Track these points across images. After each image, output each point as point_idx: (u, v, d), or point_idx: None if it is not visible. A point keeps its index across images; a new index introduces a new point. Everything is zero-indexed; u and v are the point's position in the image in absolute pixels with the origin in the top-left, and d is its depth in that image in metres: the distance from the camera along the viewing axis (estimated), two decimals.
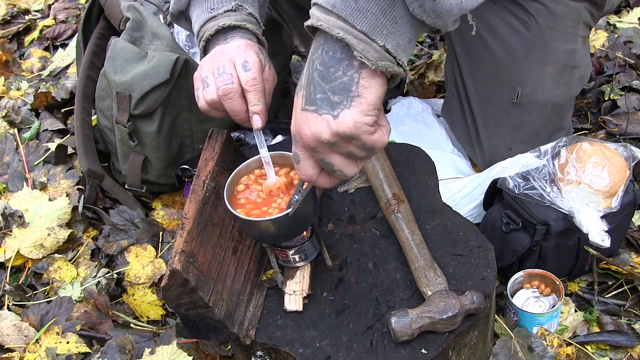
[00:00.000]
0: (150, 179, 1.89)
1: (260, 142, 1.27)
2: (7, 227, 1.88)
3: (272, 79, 1.29)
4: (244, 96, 1.23)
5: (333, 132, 0.93)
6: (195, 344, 1.57)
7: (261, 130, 1.27)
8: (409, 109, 1.98)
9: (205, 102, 1.24)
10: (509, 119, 1.68)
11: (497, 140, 1.70)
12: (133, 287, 1.73)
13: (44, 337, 1.62)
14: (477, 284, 1.26)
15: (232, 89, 1.21)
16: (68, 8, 2.92)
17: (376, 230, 1.39)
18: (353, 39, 0.89)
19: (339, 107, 0.93)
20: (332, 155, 0.98)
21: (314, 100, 0.94)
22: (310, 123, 0.95)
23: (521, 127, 1.68)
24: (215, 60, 1.24)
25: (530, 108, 1.65)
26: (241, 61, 1.23)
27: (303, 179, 1.05)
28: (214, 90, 1.23)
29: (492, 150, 1.71)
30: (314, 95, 0.94)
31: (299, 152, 1.01)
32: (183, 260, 1.13)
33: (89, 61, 1.97)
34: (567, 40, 1.62)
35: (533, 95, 1.64)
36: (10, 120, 2.31)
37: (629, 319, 1.55)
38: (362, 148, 0.97)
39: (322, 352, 1.21)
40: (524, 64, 1.61)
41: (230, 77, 1.21)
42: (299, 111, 0.97)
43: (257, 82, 1.23)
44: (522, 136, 1.68)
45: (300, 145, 1.00)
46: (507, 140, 1.69)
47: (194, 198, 1.24)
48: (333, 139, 0.94)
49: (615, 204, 1.46)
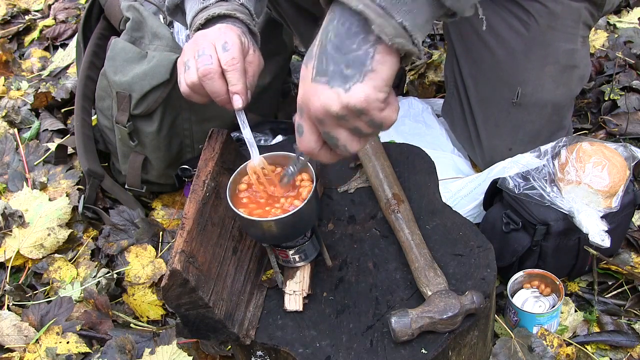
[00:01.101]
0: (150, 179, 1.89)
1: (242, 122, 1.26)
2: (7, 227, 1.88)
3: (256, 61, 1.28)
4: (224, 77, 1.23)
5: (343, 105, 0.92)
6: (195, 344, 1.57)
7: (242, 110, 1.26)
8: (409, 109, 1.98)
9: (187, 85, 1.25)
10: (509, 119, 1.68)
11: (497, 140, 1.70)
12: (133, 287, 1.73)
13: (44, 337, 1.62)
14: (477, 284, 1.26)
15: (212, 69, 1.21)
16: (68, 8, 2.92)
17: (376, 230, 1.39)
18: (372, 12, 0.87)
19: (352, 80, 0.91)
20: (338, 129, 0.96)
21: (326, 72, 0.92)
22: (320, 94, 0.93)
23: (521, 127, 1.68)
24: (196, 43, 1.25)
25: (530, 108, 1.65)
26: (221, 42, 1.22)
27: (304, 151, 1.02)
28: (195, 72, 1.22)
29: (492, 150, 1.71)
30: (326, 67, 0.92)
31: (303, 123, 0.99)
32: (183, 260, 1.13)
33: (89, 61, 1.97)
34: (567, 40, 1.62)
35: (533, 95, 1.64)
36: (10, 120, 2.31)
37: (629, 319, 1.55)
38: (370, 124, 0.95)
39: (322, 352, 1.21)
40: (524, 64, 1.61)
41: (209, 58, 1.21)
42: (309, 82, 0.95)
43: (236, 62, 1.22)
44: (522, 136, 1.68)
45: (305, 117, 0.98)
46: (507, 140, 1.69)
47: (194, 198, 1.24)
48: (342, 112, 0.92)
49: (615, 204, 1.46)
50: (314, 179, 1.24)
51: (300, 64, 2.57)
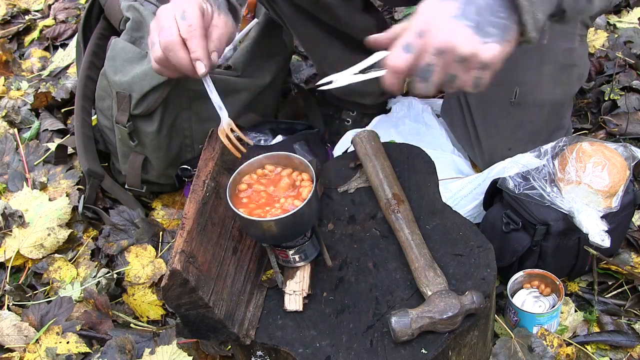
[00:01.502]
0: (150, 179, 1.89)
1: (209, 88, 1.28)
2: (7, 227, 1.88)
3: (222, 24, 1.29)
4: (186, 46, 1.23)
5: (473, 51, 1.01)
6: (195, 344, 1.57)
7: (208, 75, 1.26)
8: (409, 109, 1.98)
9: (155, 61, 1.25)
10: (507, 119, 1.68)
11: (496, 140, 1.70)
12: (133, 287, 1.73)
13: (44, 337, 1.62)
14: (477, 284, 1.26)
15: (172, 40, 1.21)
16: (68, 8, 2.92)
17: (376, 230, 1.39)
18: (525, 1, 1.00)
19: (491, 37, 1.02)
20: (446, 66, 1.03)
21: (472, 19, 1.01)
22: (458, 32, 1.01)
23: (520, 126, 1.68)
24: (158, 18, 1.25)
25: (529, 108, 1.65)
26: (180, 12, 1.23)
27: (394, 65, 1.05)
28: (158, 46, 1.23)
29: (492, 150, 1.71)
30: (474, 16, 1.01)
31: (415, 45, 1.03)
32: (183, 260, 1.13)
33: (89, 61, 1.97)
34: (565, 39, 1.62)
35: (531, 94, 1.64)
36: (10, 120, 2.31)
37: (629, 319, 1.55)
38: (475, 82, 1.05)
39: (322, 352, 1.21)
40: (522, 63, 1.61)
41: (169, 29, 1.21)
42: (446, 16, 1.01)
43: (193, 28, 1.22)
44: (521, 136, 1.68)
45: (422, 41, 1.03)
46: (507, 140, 1.69)
47: (194, 198, 1.24)
48: (468, 55, 1.01)
49: (615, 204, 1.46)
50: (314, 179, 1.24)
51: (301, 64, 2.57)
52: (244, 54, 1.82)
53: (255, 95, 1.89)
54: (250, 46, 1.83)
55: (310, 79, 2.31)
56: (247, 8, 1.90)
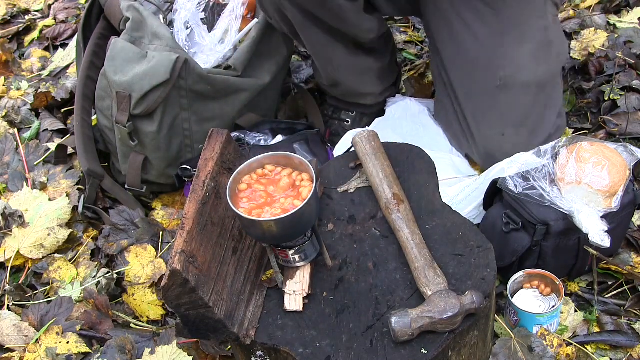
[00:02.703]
0: (150, 179, 1.89)
1: None
2: (7, 227, 1.88)
3: None
4: None
5: None
6: (195, 344, 1.57)
7: None
8: (405, 111, 1.98)
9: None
10: (495, 105, 1.69)
11: (487, 128, 1.71)
12: (133, 287, 1.73)
13: (44, 337, 1.62)
14: (477, 284, 1.26)
15: None
16: (68, 8, 2.92)
17: (376, 230, 1.39)
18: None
19: None
20: None
21: None
22: None
23: (509, 110, 1.69)
24: None
25: (514, 89, 1.67)
26: None
27: None
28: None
29: (485, 140, 1.72)
30: None
31: None
32: (183, 260, 1.13)
33: (89, 61, 1.97)
34: (539, 17, 1.66)
35: (515, 76, 1.66)
36: (10, 120, 2.31)
37: (629, 319, 1.55)
38: None
39: (322, 352, 1.21)
40: (501, 46, 1.64)
41: None
42: None
43: None
44: (512, 119, 1.69)
45: None
46: (498, 126, 1.70)
47: (194, 198, 1.24)
48: None
49: (615, 204, 1.46)
50: (314, 179, 1.24)
51: (301, 64, 2.57)
52: (244, 54, 1.83)
53: (255, 95, 1.89)
54: (250, 46, 1.83)
55: (310, 79, 2.31)
56: (247, 8, 1.90)
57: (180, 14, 1.87)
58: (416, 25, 2.50)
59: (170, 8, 1.91)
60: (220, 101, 1.83)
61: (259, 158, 1.29)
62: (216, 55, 1.84)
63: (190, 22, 1.87)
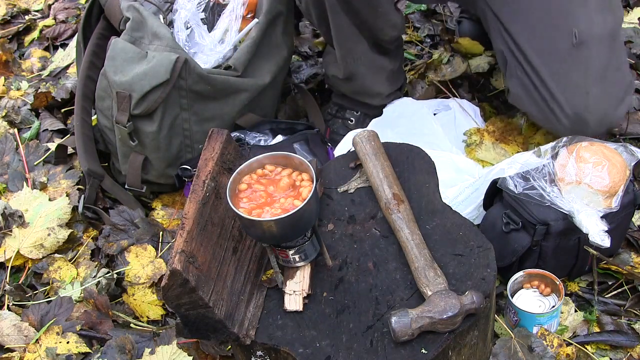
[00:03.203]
0: (150, 179, 1.89)
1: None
2: (7, 227, 1.88)
3: None
4: None
5: None
6: (195, 344, 1.57)
7: None
8: (404, 110, 1.98)
9: None
10: (575, 63, 1.68)
11: (572, 89, 1.69)
12: (133, 287, 1.73)
13: (44, 337, 1.62)
14: (477, 284, 1.26)
15: None
16: (68, 8, 2.92)
17: (376, 230, 1.39)
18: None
19: None
20: None
21: None
22: None
23: (589, 66, 1.68)
24: None
25: (590, 44, 1.66)
26: None
27: None
28: None
29: (572, 100, 1.69)
30: None
31: None
32: (183, 260, 1.13)
33: (89, 61, 1.97)
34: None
35: (589, 31, 1.65)
36: (10, 120, 2.31)
37: (629, 319, 1.55)
38: None
39: (322, 352, 1.21)
40: (569, 3, 1.65)
41: None
42: None
43: None
44: (593, 74, 1.68)
45: None
46: (582, 85, 1.68)
47: (194, 198, 1.24)
48: None
49: (615, 204, 1.47)
50: (314, 179, 1.24)
51: (301, 64, 2.57)
52: (244, 54, 1.82)
53: (255, 95, 1.88)
54: (250, 46, 1.83)
55: (310, 79, 2.31)
56: (247, 8, 1.90)
57: (180, 14, 1.87)
58: (416, 24, 2.51)
59: (170, 8, 1.91)
60: (220, 101, 1.83)
61: (259, 158, 1.29)
62: (216, 55, 1.84)
63: (190, 22, 1.87)
